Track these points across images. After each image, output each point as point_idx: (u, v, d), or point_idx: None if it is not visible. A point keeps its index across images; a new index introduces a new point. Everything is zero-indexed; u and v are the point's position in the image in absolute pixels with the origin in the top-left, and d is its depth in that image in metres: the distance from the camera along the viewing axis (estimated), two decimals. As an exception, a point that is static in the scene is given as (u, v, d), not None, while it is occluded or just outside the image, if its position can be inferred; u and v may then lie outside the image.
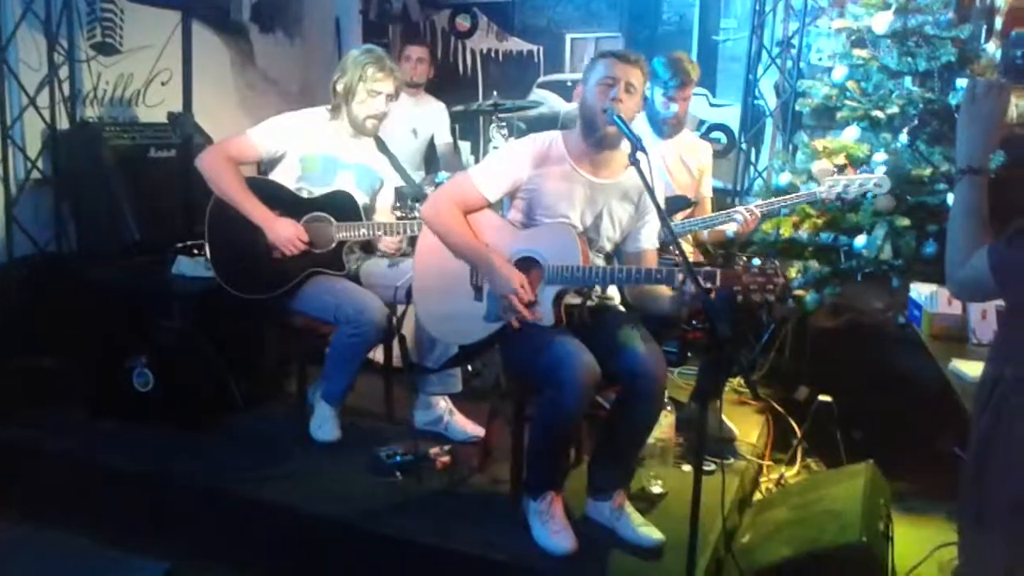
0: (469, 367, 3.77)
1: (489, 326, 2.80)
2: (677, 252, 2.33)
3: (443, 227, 2.80)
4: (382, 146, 3.56)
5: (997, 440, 1.56)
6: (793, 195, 3.66)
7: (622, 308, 2.94)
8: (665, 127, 3.64)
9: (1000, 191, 3.41)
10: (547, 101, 5.65)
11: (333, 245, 3.27)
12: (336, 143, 3.37)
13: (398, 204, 3.35)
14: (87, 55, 4.30)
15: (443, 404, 3.45)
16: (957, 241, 1.60)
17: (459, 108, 4.83)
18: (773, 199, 3.64)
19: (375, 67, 3.28)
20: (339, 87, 3.32)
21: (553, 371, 2.53)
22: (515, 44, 5.99)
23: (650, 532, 2.66)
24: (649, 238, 2.85)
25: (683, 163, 3.71)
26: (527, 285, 2.66)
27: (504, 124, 4.53)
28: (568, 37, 5.82)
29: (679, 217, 3.58)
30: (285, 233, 3.20)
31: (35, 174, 4.08)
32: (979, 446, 1.59)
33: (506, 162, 2.79)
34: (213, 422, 3.44)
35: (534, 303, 2.67)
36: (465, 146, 5.69)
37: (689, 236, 3.68)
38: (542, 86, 5.87)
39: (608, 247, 2.86)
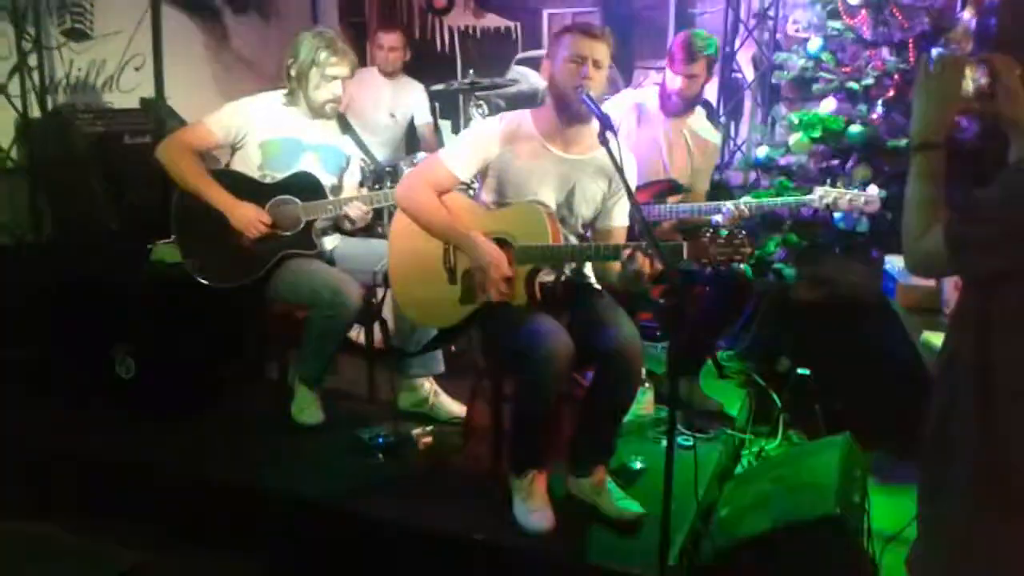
0: (452, 348, 3.78)
1: (464, 309, 2.81)
2: (640, 228, 2.33)
3: (417, 208, 2.81)
4: (346, 125, 3.54)
5: (954, 414, 1.58)
6: (783, 200, 3.61)
7: (598, 286, 2.94)
8: (669, 102, 3.59)
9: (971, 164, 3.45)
10: (526, 78, 5.62)
11: (301, 226, 3.27)
12: (296, 125, 3.36)
13: (361, 182, 3.35)
14: (58, 42, 4.26)
15: (427, 386, 3.46)
16: (913, 216, 1.60)
17: (438, 87, 4.80)
18: (764, 200, 3.57)
19: (328, 51, 3.26)
20: (292, 72, 3.30)
21: (528, 349, 2.54)
22: (492, 21, 5.96)
23: (630, 506, 2.69)
24: (620, 216, 2.86)
25: (687, 144, 3.65)
26: (503, 261, 2.67)
27: (482, 102, 4.51)
28: (545, 13, 5.79)
29: (669, 201, 3.56)
30: (246, 215, 3.20)
31: (8, 164, 4.05)
32: (936, 420, 1.61)
33: (475, 141, 2.80)
34: (195, 408, 3.43)
35: (510, 278, 2.68)
36: (446, 125, 5.66)
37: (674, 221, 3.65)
38: (520, 63, 5.84)
39: (580, 227, 2.86)
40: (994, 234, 1.47)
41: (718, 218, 3.43)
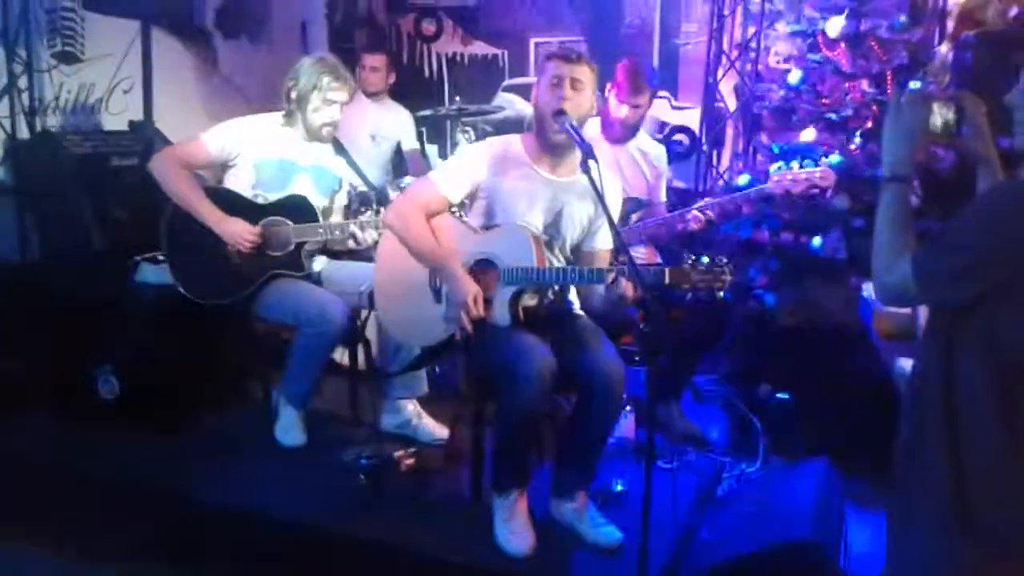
0: (436, 369, 3.80)
1: (449, 327, 2.84)
2: (624, 257, 2.37)
3: (406, 231, 2.84)
4: (339, 148, 3.58)
5: (921, 437, 1.62)
6: (741, 191, 3.70)
7: (581, 312, 2.98)
8: (612, 130, 3.65)
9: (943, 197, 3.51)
10: (512, 105, 5.69)
11: (291, 247, 3.30)
12: (290, 147, 3.40)
13: (350, 205, 3.38)
14: (48, 64, 4.29)
15: (411, 408, 3.47)
16: (882, 248, 1.65)
17: (425, 113, 4.85)
18: (723, 197, 3.67)
19: (330, 76, 3.31)
20: (293, 94, 3.34)
21: (511, 367, 2.57)
22: (480, 48, 6.04)
23: (610, 533, 2.70)
24: (604, 239, 2.90)
25: (638, 166, 3.73)
26: (480, 298, 2.71)
27: (469, 128, 4.56)
28: (532, 41, 5.87)
29: (633, 219, 3.63)
30: (235, 230, 3.23)
31: (-4, 184, 4.07)
32: (904, 446, 1.65)
33: (465, 163, 2.86)
34: (179, 428, 3.43)
35: (485, 312, 2.71)
36: (432, 150, 5.71)
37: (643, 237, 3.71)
38: (507, 90, 5.91)
39: (567, 250, 2.90)
40: (960, 265, 1.52)
41: (694, 226, 3.49)
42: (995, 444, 1.52)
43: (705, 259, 2.46)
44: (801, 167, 3.46)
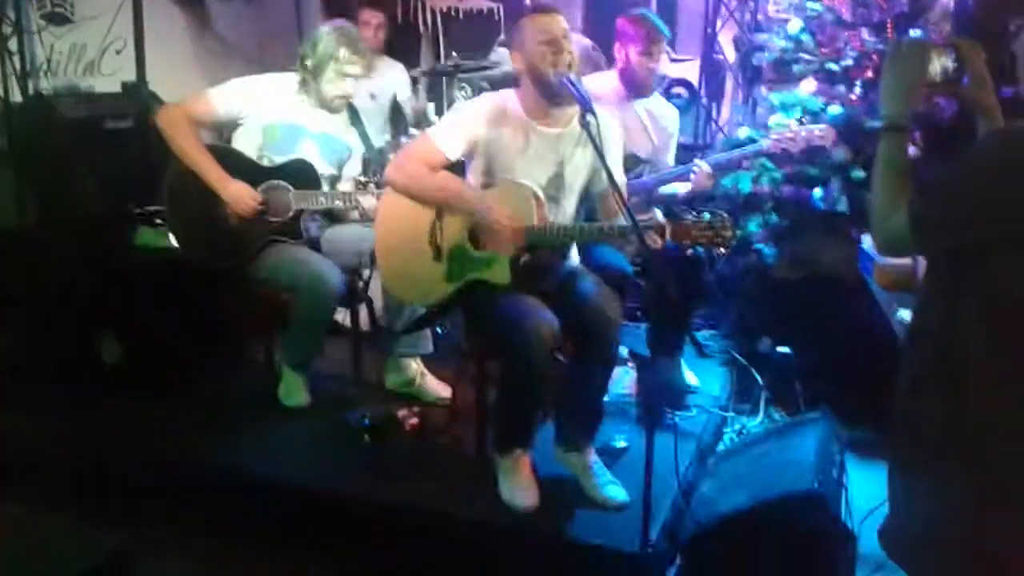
0: (439, 329, 3.81)
1: (449, 286, 2.84)
2: (624, 213, 2.36)
3: (409, 180, 2.82)
4: (355, 118, 3.52)
5: (920, 387, 1.63)
6: (739, 150, 3.67)
7: (580, 266, 2.98)
8: (644, 87, 3.59)
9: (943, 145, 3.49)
10: (509, 60, 5.62)
11: (291, 213, 3.28)
12: (300, 112, 3.35)
13: (364, 172, 3.36)
14: (38, 26, 4.23)
15: (414, 366, 3.49)
16: (880, 197, 1.64)
17: (421, 69, 4.80)
18: (720, 155, 3.65)
19: (348, 49, 3.26)
20: (308, 63, 3.28)
21: (512, 328, 2.58)
22: (475, 2, 5.95)
23: (615, 491, 2.74)
24: (615, 172, 2.85)
25: (643, 126, 3.67)
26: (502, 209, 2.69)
27: (465, 84, 4.52)
28: (528, -7, 5.78)
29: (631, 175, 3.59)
30: (237, 193, 3.20)
31: (-9, 149, 4.05)
32: (903, 394, 1.66)
33: (463, 119, 2.83)
34: (181, 392, 3.45)
35: (520, 229, 2.69)
36: (430, 107, 5.66)
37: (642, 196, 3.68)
38: (503, 44, 5.83)
39: (574, 197, 2.88)
40: (955, 212, 1.51)
41: (685, 188, 3.46)
42: (994, 390, 1.53)
43: (707, 215, 2.45)
44: (800, 123, 3.42)
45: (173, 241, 3.31)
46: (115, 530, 2.73)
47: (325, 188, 3.33)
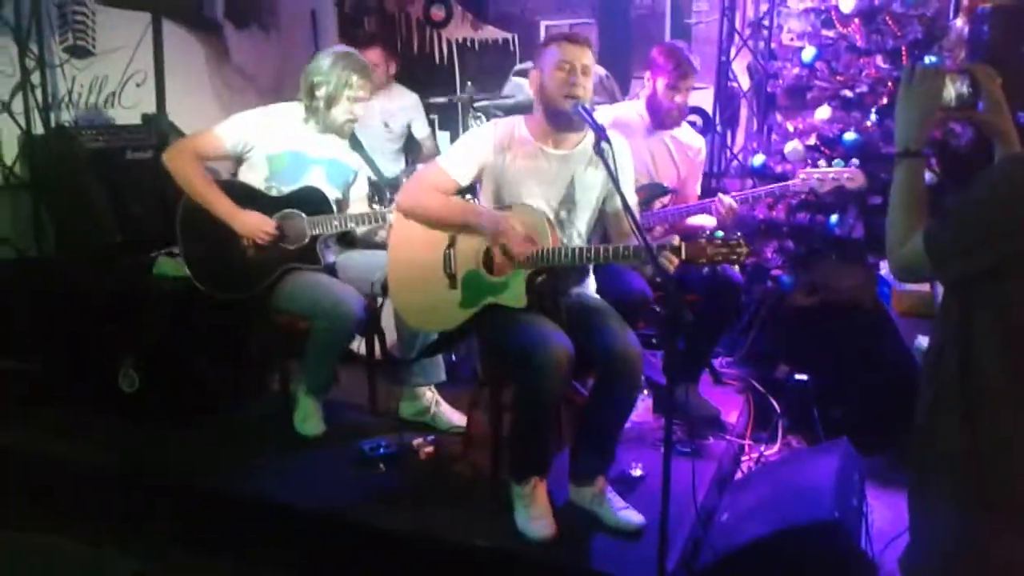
0: (452, 356, 3.81)
1: (465, 312, 2.84)
2: (638, 234, 2.36)
3: (421, 207, 2.86)
4: (356, 143, 3.57)
5: (939, 414, 1.61)
6: (766, 187, 3.65)
7: (596, 295, 2.97)
8: (668, 118, 3.59)
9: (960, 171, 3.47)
10: (523, 90, 5.62)
11: (307, 240, 3.30)
12: (304, 139, 3.39)
13: (374, 196, 3.38)
14: (60, 59, 4.30)
15: (428, 395, 3.49)
16: (896, 223, 1.64)
17: (437, 100, 4.84)
18: (747, 191, 3.64)
19: (360, 75, 3.31)
20: (319, 92, 3.31)
21: (528, 352, 2.57)
22: (490, 33, 6.00)
23: (631, 516, 2.71)
24: (627, 192, 2.84)
25: (671, 155, 3.66)
26: (518, 224, 2.70)
27: (480, 114, 4.55)
28: (543, 24, 5.83)
29: (656, 205, 3.59)
30: (251, 222, 3.24)
31: (12, 180, 4.09)
32: (921, 422, 1.64)
33: (472, 146, 2.86)
34: (198, 421, 3.46)
35: (533, 240, 2.69)
36: (445, 136, 5.70)
37: (666, 226, 3.67)
38: (519, 74, 5.87)
39: (587, 218, 2.88)
40: (971, 237, 1.50)
41: (712, 222, 3.46)
42: (1011, 417, 1.52)
43: (719, 233, 2.45)
44: (821, 152, 3.41)
45: (190, 273, 3.33)
46: (133, 556, 2.73)
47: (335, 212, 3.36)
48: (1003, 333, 1.52)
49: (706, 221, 3.53)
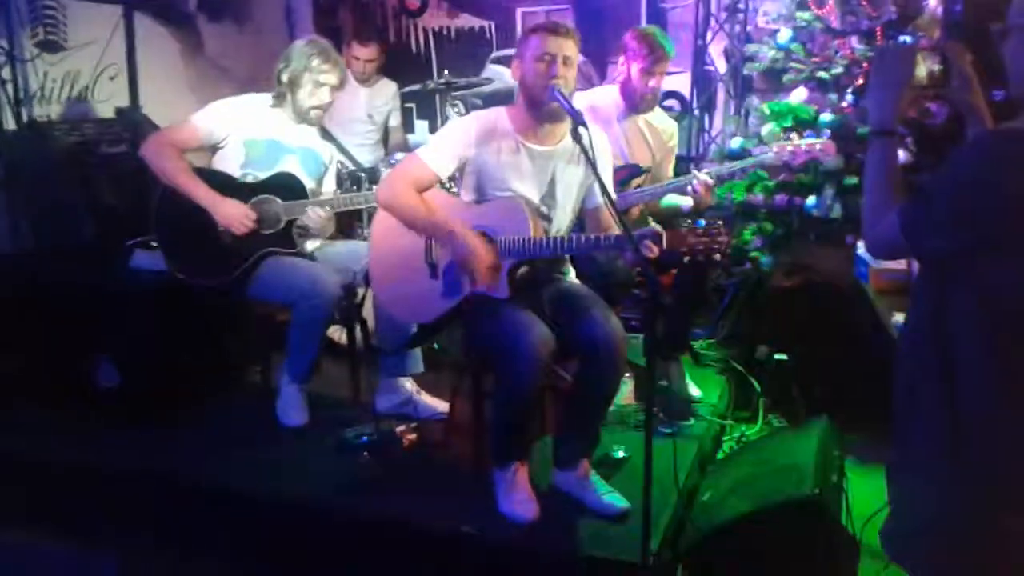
0: (434, 345, 3.81)
1: (446, 303, 2.85)
2: (618, 221, 2.36)
3: (399, 206, 2.84)
4: (325, 133, 3.58)
5: (915, 388, 1.63)
6: (740, 162, 3.68)
7: (577, 280, 2.98)
8: (643, 103, 3.57)
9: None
10: (501, 76, 5.64)
11: (282, 224, 3.31)
12: (279, 128, 3.40)
13: (340, 185, 3.38)
14: (31, 54, 4.25)
15: (408, 385, 3.47)
16: (871, 202, 1.65)
17: (413, 88, 4.82)
18: (722, 166, 3.66)
19: (320, 58, 3.31)
20: (284, 77, 3.34)
21: (508, 342, 2.58)
22: (466, 20, 5.98)
23: (615, 499, 2.72)
24: (605, 183, 2.86)
25: (644, 139, 3.66)
26: (485, 249, 2.69)
27: (458, 102, 4.54)
28: (519, 11, 5.82)
29: (633, 184, 3.60)
30: (232, 212, 3.24)
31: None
32: (899, 394, 1.66)
33: (452, 139, 2.84)
34: (178, 412, 3.44)
35: (499, 267, 2.70)
36: (422, 126, 5.69)
37: (641, 206, 3.68)
38: (495, 61, 5.87)
39: (567, 215, 2.89)
40: (945, 214, 1.52)
41: (688, 201, 3.47)
42: (988, 390, 1.53)
43: (701, 222, 2.46)
44: (801, 136, 3.42)
45: (166, 262, 3.31)
46: (113, 554, 2.72)
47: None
48: (979, 309, 1.53)
49: (681, 200, 3.54)
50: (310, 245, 3.49)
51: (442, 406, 3.38)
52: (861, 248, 3.42)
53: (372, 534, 2.78)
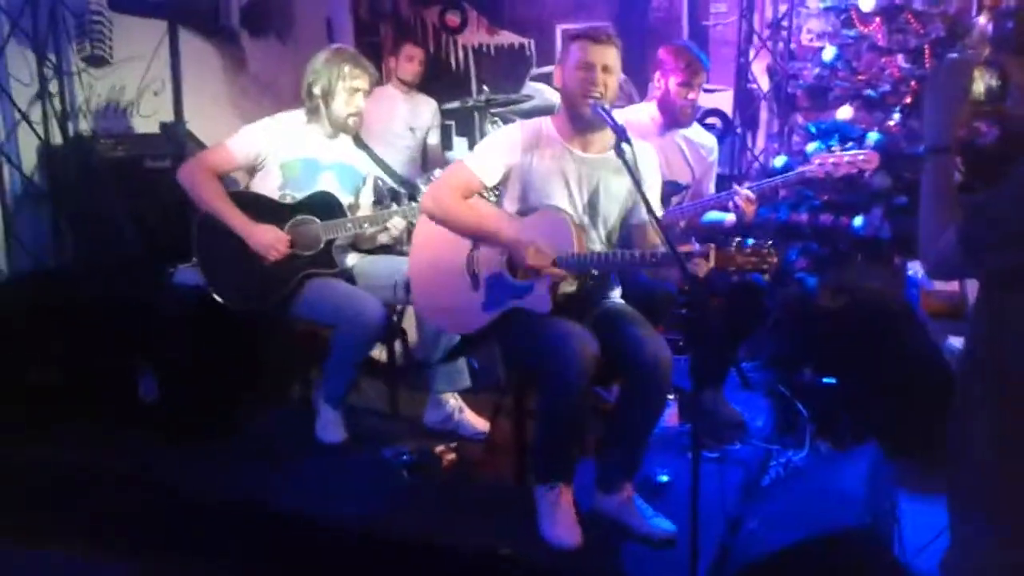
0: (475, 363, 3.78)
1: (488, 314, 2.81)
2: (663, 239, 2.32)
3: (445, 211, 2.82)
4: (360, 143, 3.57)
5: (974, 416, 1.57)
6: (781, 176, 3.62)
7: (621, 300, 2.94)
8: (682, 116, 3.57)
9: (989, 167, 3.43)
10: (540, 94, 5.61)
11: (322, 245, 3.30)
12: (314, 145, 3.40)
13: (380, 200, 3.39)
14: (78, 68, 4.31)
15: (452, 402, 3.46)
16: (928, 220, 1.62)
17: (453, 105, 4.82)
18: (763, 180, 3.61)
19: (351, 64, 3.33)
20: (316, 89, 3.34)
21: (551, 353, 2.54)
22: (506, 38, 6.00)
23: (661, 523, 2.66)
24: (650, 200, 2.82)
25: (683, 155, 3.63)
26: (539, 243, 2.63)
27: (498, 119, 4.52)
28: (558, 28, 5.81)
29: (672, 202, 3.56)
30: (265, 239, 3.23)
31: (31, 189, 4.10)
32: (958, 423, 1.60)
33: (498, 146, 2.82)
34: (218, 429, 3.43)
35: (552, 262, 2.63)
36: (462, 142, 5.68)
37: (683, 223, 3.64)
38: (535, 78, 5.84)
39: (609, 226, 2.85)
40: (1005, 233, 1.47)
41: (732, 218, 3.42)
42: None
43: (750, 241, 2.41)
44: (844, 149, 3.37)
45: (208, 286, 3.32)
46: (153, 568, 2.73)
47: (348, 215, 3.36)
48: None
49: (723, 216, 3.51)
50: (348, 261, 3.48)
51: (483, 425, 3.35)
52: (912, 269, 3.34)
53: (409, 555, 2.74)
